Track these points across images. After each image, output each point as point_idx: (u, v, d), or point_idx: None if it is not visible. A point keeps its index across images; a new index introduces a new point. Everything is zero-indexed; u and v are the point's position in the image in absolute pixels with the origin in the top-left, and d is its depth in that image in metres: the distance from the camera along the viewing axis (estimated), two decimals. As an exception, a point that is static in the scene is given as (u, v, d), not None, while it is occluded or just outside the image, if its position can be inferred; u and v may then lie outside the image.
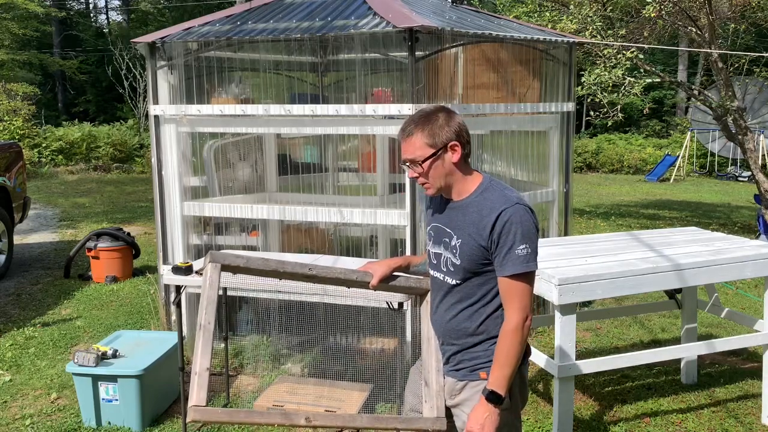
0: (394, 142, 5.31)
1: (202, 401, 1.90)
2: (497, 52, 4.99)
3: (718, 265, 3.39)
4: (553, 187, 5.31)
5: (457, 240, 2.09)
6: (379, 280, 2.32)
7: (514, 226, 1.97)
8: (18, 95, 17.17)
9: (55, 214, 10.84)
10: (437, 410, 2.21)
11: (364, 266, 2.38)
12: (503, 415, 2.07)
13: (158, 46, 4.70)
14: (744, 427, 3.68)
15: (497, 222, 1.99)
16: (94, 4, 35.56)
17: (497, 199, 2.03)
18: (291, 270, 2.26)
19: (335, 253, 5.27)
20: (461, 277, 2.10)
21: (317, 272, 2.30)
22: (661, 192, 14.78)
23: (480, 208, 2.05)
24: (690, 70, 22.41)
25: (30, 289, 6.46)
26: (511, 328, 2.01)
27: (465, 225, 2.07)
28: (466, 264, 2.07)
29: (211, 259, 2.14)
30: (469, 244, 2.05)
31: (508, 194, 2.04)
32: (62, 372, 4.38)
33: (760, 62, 11.95)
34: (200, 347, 1.98)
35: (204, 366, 1.96)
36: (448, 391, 2.22)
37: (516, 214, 1.98)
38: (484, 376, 2.11)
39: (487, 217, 2.01)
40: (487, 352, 2.11)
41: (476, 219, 2.04)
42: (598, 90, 7.43)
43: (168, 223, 4.83)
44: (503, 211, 1.99)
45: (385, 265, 2.35)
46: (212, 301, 2.07)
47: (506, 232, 1.98)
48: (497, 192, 2.06)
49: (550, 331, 4.93)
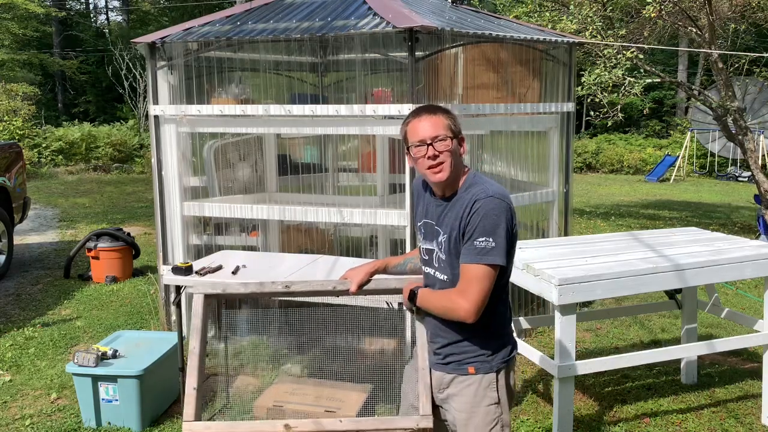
0: (394, 142, 5.31)
1: (190, 417, 2.28)
2: (497, 53, 4.99)
3: (718, 265, 3.39)
4: (553, 187, 5.31)
5: (443, 236, 2.12)
6: (358, 287, 2.35)
7: (479, 217, 2.00)
8: (18, 95, 17.16)
9: (55, 214, 10.84)
10: (422, 408, 2.22)
11: (344, 275, 2.41)
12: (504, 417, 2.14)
13: (158, 47, 4.70)
14: (744, 427, 3.68)
15: (469, 211, 2.02)
16: (94, 5, 35.56)
17: (477, 192, 2.05)
18: (269, 290, 2.45)
19: (335, 253, 5.27)
20: (449, 272, 2.12)
21: (295, 288, 2.43)
22: (661, 192, 14.78)
23: (462, 202, 2.08)
24: (690, 70, 22.40)
25: (30, 289, 6.46)
26: (452, 298, 2.05)
27: (450, 220, 2.10)
28: (451, 259, 2.10)
29: (195, 291, 2.43)
30: (453, 239, 2.08)
31: (487, 187, 2.06)
32: (62, 372, 4.38)
33: (760, 62, 11.96)
34: (188, 369, 2.33)
35: (192, 385, 2.31)
36: (436, 384, 2.22)
37: (486, 206, 2.00)
38: (473, 371, 2.13)
39: (465, 209, 2.04)
40: (474, 346, 2.13)
41: (459, 212, 2.07)
42: (598, 90, 7.43)
43: (168, 223, 4.83)
44: (476, 202, 2.02)
45: (362, 271, 2.37)
46: (197, 330, 2.37)
47: (472, 222, 2.01)
48: (480, 185, 2.08)
49: (550, 331, 4.93)
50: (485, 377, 2.13)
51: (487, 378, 2.13)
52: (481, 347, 2.12)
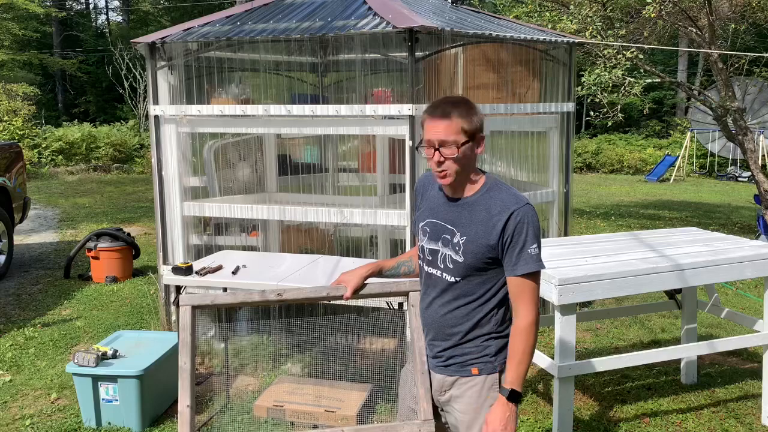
0: (394, 142, 5.31)
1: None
2: (497, 53, 4.99)
3: (718, 265, 3.39)
4: (553, 187, 5.31)
5: (461, 237, 2.07)
6: (353, 292, 2.31)
7: (526, 226, 1.99)
8: (18, 95, 17.17)
9: (55, 214, 10.84)
10: (424, 413, 2.21)
11: (337, 279, 2.37)
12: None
13: (158, 47, 4.71)
14: (744, 427, 3.68)
15: (509, 222, 2.00)
16: (94, 5, 35.58)
17: (508, 199, 2.03)
18: (260, 298, 2.35)
19: (335, 253, 5.27)
20: (462, 274, 2.09)
21: (287, 296, 2.35)
22: (661, 192, 14.78)
23: (488, 206, 2.04)
24: (690, 70, 22.41)
25: (30, 289, 6.46)
26: (525, 325, 2.03)
27: (471, 223, 2.06)
28: (471, 261, 2.06)
29: (182, 302, 2.29)
30: (475, 242, 2.04)
31: (517, 194, 2.06)
32: (62, 372, 4.38)
33: (760, 62, 11.95)
34: (180, 387, 2.22)
35: (185, 404, 2.19)
36: (437, 387, 2.20)
37: (528, 214, 2.01)
38: (476, 372, 2.11)
39: (497, 216, 2.01)
40: (479, 347, 2.11)
41: (485, 218, 2.04)
42: (598, 90, 7.43)
43: (168, 223, 4.83)
44: (516, 211, 2.00)
45: (357, 275, 2.33)
46: (186, 344, 2.24)
47: (518, 232, 1.99)
48: (505, 192, 2.06)
49: (550, 332, 4.93)
50: (488, 378, 2.12)
51: (491, 378, 2.12)
52: (483, 348, 2.11)
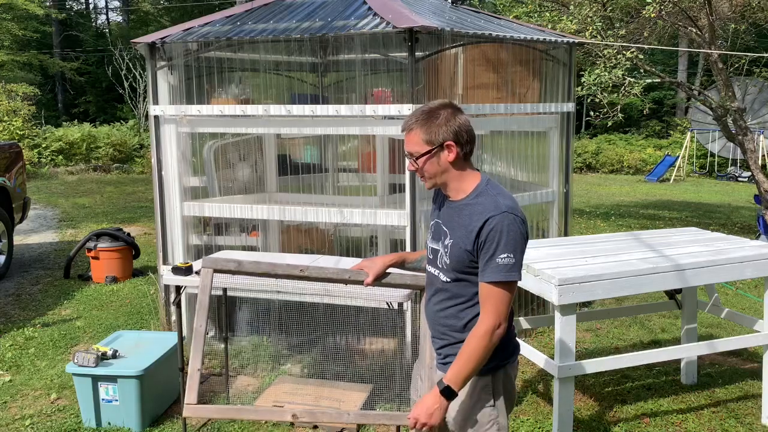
0: (394, 142, 5.31)
1: (193, 400, 2.11)
2: (497, 53, 4.99)
3: (718, 265, 3.39)
4: (553, 187, 5.31)
5: (449, 240, 2.11)
6: (374, 278, 2.34)
7: (499, 234, 1.98)
8: (18, 96, 17.17)
9: (55, 214, 10.84)
10: None
11: (359, 264, 2.39)
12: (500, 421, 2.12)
13: (158, 47, 4.70)
14: (744, 427, 3.68)
15: (483, 228, 2.00)
16: (94, 5, 35.60)
17: (488, 205, 2.03)
18: (283, 272, 2.34)
19: (335, 253, 5.27)
20: (451, 276, 2.12)
21: (309, 273, 2.35)
22: (661, 192, 14.78)
23: (471, 212, 2.06)
24: (690, 70, 22.41)
25: (30, 289, 6.46)
26: (480, 332, 2.02)
27: (457, 226, 2.09)
28: (455, 264, 2.10)
29: (204, 264, 2.26)
30: (458, 246, 2.07)
31: (499, 201, 2.03)
32: (62, 372, 4.38)
33: (760, 62, 11.96)
34: (192, 350, 2.18)
35: (195, 367, 2.16)
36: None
37: (502, 222, 1.98)
38: None
39: (475, 222, 2.02)
40: None
41: (466, 222, 2.06)
42: (598, 90, 7.43)
43: (168, 223, 4.83)
44: (490, 218, 1.99)
45: (380, 262, 2.37)
46: (204, 306, 2.22)
47: (491, 240, 1.99)
48: (490, 197, 2.05)
49: (550, 331, 4.93)
50: (481, 379, 2.13)
51: (483, 380, 2.13)
52: None
